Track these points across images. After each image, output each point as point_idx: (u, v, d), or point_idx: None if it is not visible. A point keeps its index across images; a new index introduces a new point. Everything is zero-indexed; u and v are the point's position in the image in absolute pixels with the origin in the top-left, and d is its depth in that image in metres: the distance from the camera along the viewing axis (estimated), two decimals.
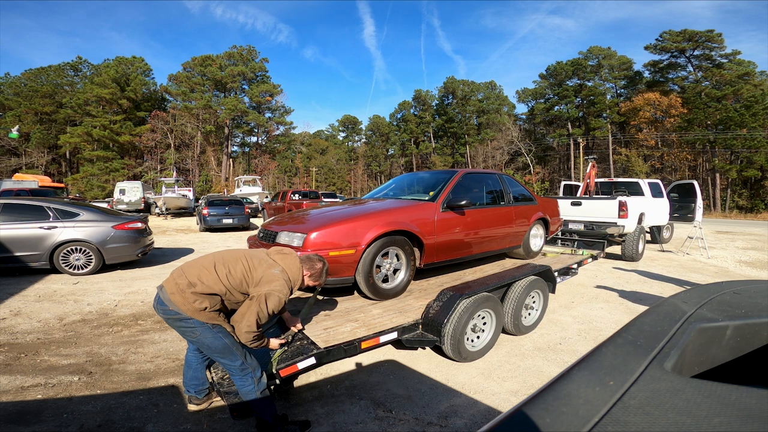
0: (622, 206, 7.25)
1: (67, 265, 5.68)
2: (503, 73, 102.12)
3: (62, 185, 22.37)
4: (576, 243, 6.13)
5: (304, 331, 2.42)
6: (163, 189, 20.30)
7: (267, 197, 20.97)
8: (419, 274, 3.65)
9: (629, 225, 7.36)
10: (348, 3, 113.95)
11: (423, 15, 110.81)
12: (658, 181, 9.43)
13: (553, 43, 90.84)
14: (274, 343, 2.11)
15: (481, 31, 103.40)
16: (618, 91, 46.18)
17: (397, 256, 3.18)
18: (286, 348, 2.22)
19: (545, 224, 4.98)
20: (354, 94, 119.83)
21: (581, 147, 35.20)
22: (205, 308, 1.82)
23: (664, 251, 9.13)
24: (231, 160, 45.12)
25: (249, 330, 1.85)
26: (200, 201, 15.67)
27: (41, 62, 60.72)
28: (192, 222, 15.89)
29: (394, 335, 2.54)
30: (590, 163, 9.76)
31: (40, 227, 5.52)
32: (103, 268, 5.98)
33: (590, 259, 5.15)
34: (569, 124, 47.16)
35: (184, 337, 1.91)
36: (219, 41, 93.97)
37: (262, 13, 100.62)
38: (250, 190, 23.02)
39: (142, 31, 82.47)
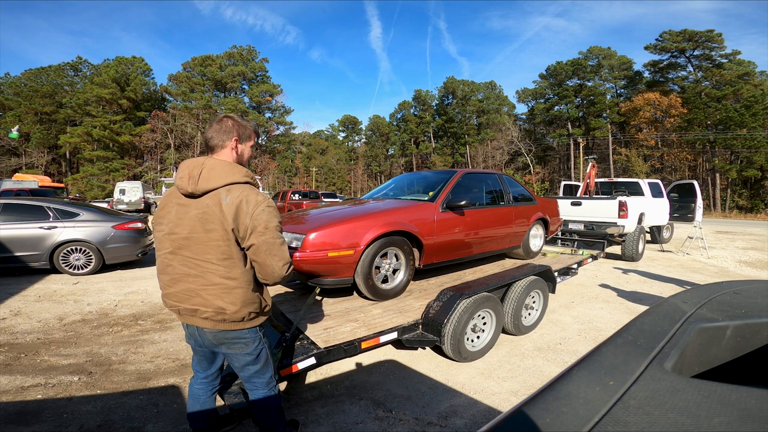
0: (622, 206, 7.25)
1: (67, 265, 5.68)
2: (506, 75, 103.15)
3: (62, 185, 22.36)
4: (576, 243, 6.12)
5: (304, 331, 2.42)
6: (163, 189, 20.35)
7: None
8: (419, 274, 3.65)
9: (629, 225, 7.36)
10: (356, 5, 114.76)
11: (430, 18, 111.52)
12: (658, 181, 9.43)
13: (558, 45, 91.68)
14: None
15: (487, 33, 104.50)
16: (618, 91, 46.20)
17: (396, 256, 3.18)
18: (284, 345, 2.22)
19: (545, 224, 4.97)
20: (358, 94, 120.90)
21: (581, 147, 35.21)
22: (250, 312, 1.53)
23: (664, 251, 9.13)
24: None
25: (285, 261, 1.47)
26: None
27: (49, 62, 61.17)
28: None
29: (394, 335, 2.54)
30: (590, 163, 9.76)
31: (40, 227, 5.52)
32: (103, 268, 5.98)
33: (590, 259, 5.15)
34: (569, 124, 47.17)
35: (232, 357, 1.62)
36: (227, 42, 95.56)
37: (272, 14, 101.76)
38: None
39: (153, 31, 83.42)
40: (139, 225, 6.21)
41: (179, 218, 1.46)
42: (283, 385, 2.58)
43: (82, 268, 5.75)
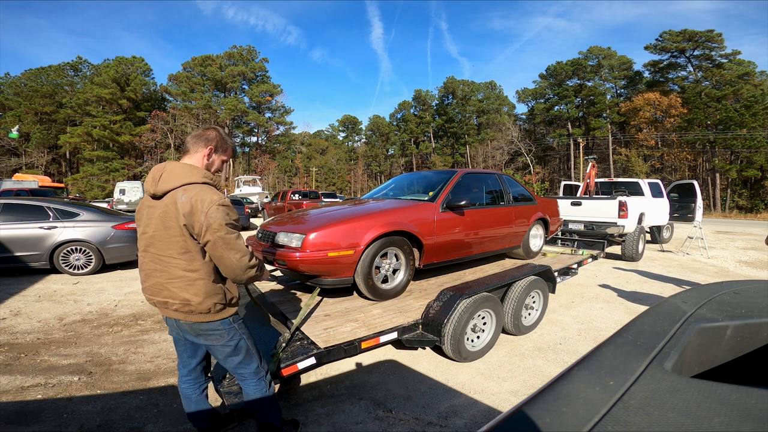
0: (622, 206, 7.25)
1: (67, 265, 5.68)
2: (506, 75, 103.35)
3: (62, 185, 22.38)
4: (576, 243, 6.12)
5: (304, 331, 2.42)
6: None
7: (267, 197, 20.99)
8: (419, 274, 3.65)
9: (629, 225, 7.35)
10: (357, 5, 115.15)
11: (431, 18, 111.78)
12: (658, 181, 9.43)
13: (559, 46, 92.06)
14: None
15: (488, 33, 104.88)
16: (618, 91, 46.20)
17: (396, 256, 3.18)
18: (284, 345, 2.21)
19: (545, 224, 4.97)
20: (358, 94, 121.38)
21: (581, 147, 35.20)
22: (215, 303, 1.58)
23: (664, 251, 9.13)
24: (231, 160, 45.20)
25: (243, 253, 1.53)
26: None
27: (49, 62, 60.69)
28: None
29: (394, 335, 2.54)
30: (590, 163, 9.76)
31: (40, 227, 5.52)
32: (103, 268, 5.98)
33: (590, 259, 5.14)
34: (569, 124, 47.17)
35: (213, 349, 1.69)
36: (228, 42, 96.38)
37: (273, 15, 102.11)
38: (250, 190, 23.07)
39: (153, 31, 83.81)
40: None
41: (148, 218, 1.57)
42: (276, 387, 2.57)
43: (82, 268, 5.75)
